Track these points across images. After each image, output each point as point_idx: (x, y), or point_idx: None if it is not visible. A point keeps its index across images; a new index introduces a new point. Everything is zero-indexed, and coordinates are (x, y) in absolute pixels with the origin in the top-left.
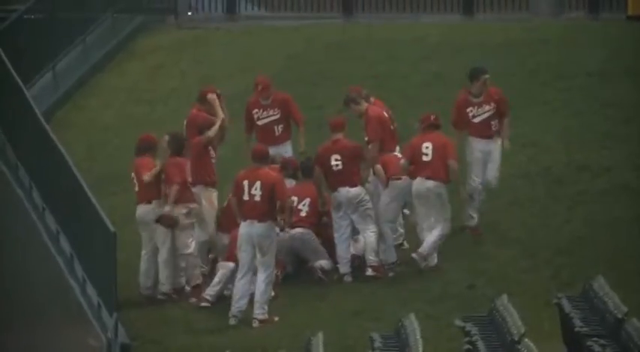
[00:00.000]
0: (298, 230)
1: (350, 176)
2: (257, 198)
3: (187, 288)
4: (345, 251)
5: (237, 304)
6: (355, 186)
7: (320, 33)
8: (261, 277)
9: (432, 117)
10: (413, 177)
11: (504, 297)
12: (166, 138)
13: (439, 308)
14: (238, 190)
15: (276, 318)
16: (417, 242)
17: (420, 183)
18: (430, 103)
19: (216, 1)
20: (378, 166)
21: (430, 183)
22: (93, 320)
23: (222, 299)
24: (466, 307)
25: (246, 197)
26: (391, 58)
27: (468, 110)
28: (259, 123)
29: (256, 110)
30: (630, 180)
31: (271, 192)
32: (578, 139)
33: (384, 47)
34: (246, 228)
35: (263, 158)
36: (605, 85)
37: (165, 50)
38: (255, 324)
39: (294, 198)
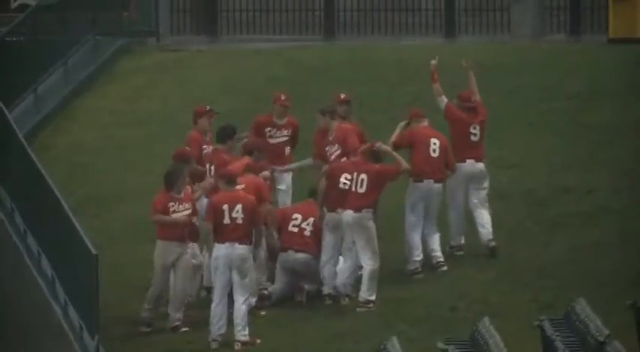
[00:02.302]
0: (303, 255)
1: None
2: (239, 221)
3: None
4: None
5: (216, 327)
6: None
7: (302, 55)
8: (239, 300)
9: (472, 99)
10: (459, 159)
11: (486, 320)
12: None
13: (421, 331)
14: (218, 214)
15: (259, 341)
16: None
17: (473, 165)
18: None
19: (197, 23)
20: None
21: (481, 165)
22: (75, 342)
23: (204, 322)
24: (448, 329)
25: (227, 220)
26: (373, 80)
27: None
28: (271, 141)
29: (269, 128)
30: (612, 203)
31: (252, 215)
32: (560, 161)
33: (366, 69)
34: (226, 250)
35: (234, 180)
36: (586, 107)
37: (147, 72)
38: (238, 347)
39: (298, 216)
